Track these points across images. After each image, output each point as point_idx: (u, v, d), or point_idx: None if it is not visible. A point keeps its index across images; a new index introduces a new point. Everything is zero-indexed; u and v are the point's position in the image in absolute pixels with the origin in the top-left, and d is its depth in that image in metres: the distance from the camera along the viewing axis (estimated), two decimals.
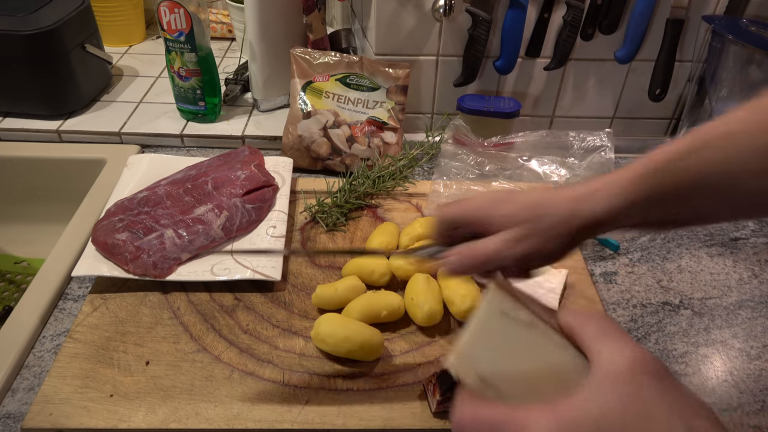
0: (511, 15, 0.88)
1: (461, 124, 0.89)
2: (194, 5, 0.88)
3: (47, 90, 0.96)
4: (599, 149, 0.86)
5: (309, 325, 0.66)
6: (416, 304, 0.64)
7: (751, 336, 0.69)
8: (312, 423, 0.56)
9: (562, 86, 0.98)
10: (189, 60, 0.92)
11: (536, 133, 0.90)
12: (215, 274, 0.69)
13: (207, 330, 0.65)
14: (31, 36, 0.90)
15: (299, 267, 0.74)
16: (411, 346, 0.65)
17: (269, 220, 0.78)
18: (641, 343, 0.67)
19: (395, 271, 0.69)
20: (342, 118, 0.91)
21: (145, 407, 0.57)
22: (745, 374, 0.64)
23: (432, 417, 0.57)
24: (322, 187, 0.87)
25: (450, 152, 0.90)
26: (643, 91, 0.98)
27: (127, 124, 0.98)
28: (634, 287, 0.75)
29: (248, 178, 0.79)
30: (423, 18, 0.90)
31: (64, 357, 0.61)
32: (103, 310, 0.67)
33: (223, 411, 0.57)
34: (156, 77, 1.14)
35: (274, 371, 0.61)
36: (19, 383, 0.60)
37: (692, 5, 0.89)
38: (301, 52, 0.94)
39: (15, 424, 0.56)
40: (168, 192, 0.77)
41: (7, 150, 0.95)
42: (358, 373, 0.61)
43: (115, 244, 0.70)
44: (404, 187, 0.87)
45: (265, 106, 1.04)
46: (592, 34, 0.92)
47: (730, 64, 0.83)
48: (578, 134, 0.89)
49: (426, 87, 0.98)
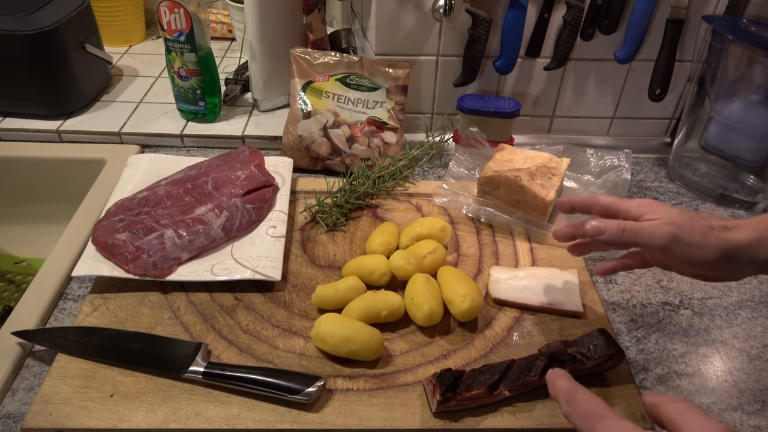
0: (511, 15, 0.88)
1: (477, 131, 0.89)
2: (194, 5, 0.88)
3: (47, 90, 0.96)
4: (616, 168, 0.86)
5: (309, 325, 0.66)
6: (416, 304, 0.64)
7: (751, 336, 0.69)
8: (312, 423, 0.56)
9: (562, 86, 0.98)
10: (189, 60, 0.93)
11: (553, 147, 0.90)
12: (215, 274, 0.69)
13: (207, 330, 0.65)
14: (31, 36, 0.90)
15: (299, 267, 0.74)
16: (411, 346, 0.65)
17: (269, 220, 0.78)
18: (641, 343, 0.67)
19: (395, 271, 0.69)
20: (342, 118, 0.91)
21: (145, 407, 0.57)
22: (745, 374, 0.64)
23: (432, 417, 0.57)
24: (322, 187, 0.87)
25: (461, 160, 0.91)
26: (643, 91, 0.98)
27: (127, 124, 0.98)
28: (634, 287, 0.75)
29: (248, 178, 0.79)
30: (423, 18, 0.90)
31: (64, 357, 0.61)
32: (103, 310, 0.67)
33: (223, 411, 0.57)
34: (156, 77, 1.14)
35: None
36: (19, 383, 0.60)
37: (692, 5, 0.89)
38: (301, 52, 0.94)
39: (15, 424, 0.56)
40: (168, 192, 0.77)
41: (7, 150, 0.95)
42: (358, 373, 0.61)
43: (115, 244, 0.70)
44: (404, 187, 0.87)
45: (265, 106, 1.04)
46: (592, 34, 0.92)
47: (730, 64, 0.83)
48: (596, 152, 0.89)
49: (426, 87, 0.98)
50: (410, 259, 0.69)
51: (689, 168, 0.95)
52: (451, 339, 0.65)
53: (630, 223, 0.54)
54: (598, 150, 0.90)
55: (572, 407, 0.44)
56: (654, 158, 1.01)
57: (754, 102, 0.83)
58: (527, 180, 0.79)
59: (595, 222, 0.55)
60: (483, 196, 0.83)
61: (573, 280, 0.71)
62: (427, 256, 0.71)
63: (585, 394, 0.44)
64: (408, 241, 0.74)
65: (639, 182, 0.95)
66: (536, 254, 0.78)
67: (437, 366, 0.62)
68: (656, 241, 0.53)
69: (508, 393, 0.57)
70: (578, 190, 0.86)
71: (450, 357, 0.64)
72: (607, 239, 0.55)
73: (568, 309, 0.68)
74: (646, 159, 1.00)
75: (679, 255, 0.53)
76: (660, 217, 0.54)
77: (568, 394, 0.45)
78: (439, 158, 0.97)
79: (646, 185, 0.94)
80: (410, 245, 0.74)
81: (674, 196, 0.92)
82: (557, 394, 0.46)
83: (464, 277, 0.68)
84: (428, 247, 0.71)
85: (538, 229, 0.79)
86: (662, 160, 1.00)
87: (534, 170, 0.81)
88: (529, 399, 0.59)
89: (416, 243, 0.74)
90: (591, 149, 0.90)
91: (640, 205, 0.56)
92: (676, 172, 0.95)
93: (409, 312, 0.66)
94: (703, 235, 0.52)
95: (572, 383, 0.46)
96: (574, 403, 0.44)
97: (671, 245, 0.52)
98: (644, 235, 0.53)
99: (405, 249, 0.73)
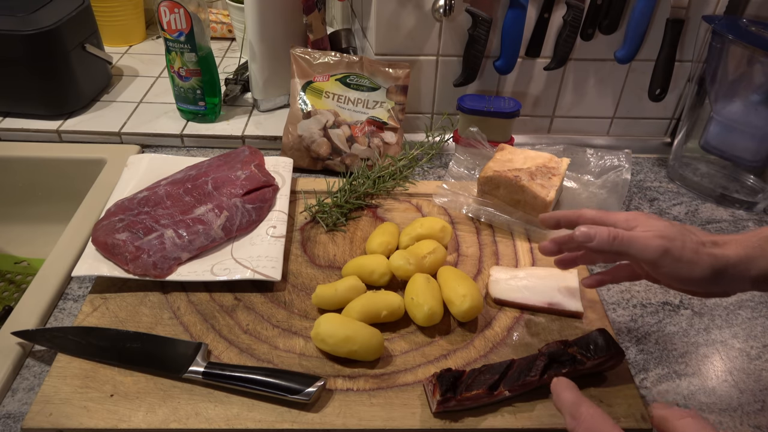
0: (511, 15, 0.88)
1: (477, 131, 0.89)
2: (194, 5, 0.88)
3: (47, 90, 0.96)
4: (616, 169, 0.86)
5: (309, 325, 0.66)
6: (416, 304, 0.64)
7: (751, 336, 0.69)
8: (312, 423, 0.56)
9: (562, 86, 0.98)
10: (189, 60, 0.92)
11: (553, 147, 0.90)
12: (215, 274, 0.69)
13: (207, 330, 0.65)
14: (31, 36, 0.90)
15: (299, 267, 0.74)
16: (411, 346, 0.65)
17: (269, 220, 0.78)
18: (641, 343, 0.67)
19: (395, 271, 0.69)
20: (342, 118, 0.91)
21: (145, 407, 0.57)
22: (745, 374, 0.64)
23: (432, 417, 0.57)
24: (322, 187, 0.87)
25: (461, 160, 0.91)
26: (643, 91, 0.98)
27: (127, 124, 0.98)
28: (634, 287, 0.75)
29: (248, 178, 0.79)
30: (423, 18, 0.90)
31: (64, 357, 0.61)
32: (103, 310, 0.67)
33: (223, 411, 0.57)
34: (156, 77, 1.14)
35: None
36: (19, 383, 0.60)
37: (692, 5, 0.89)
38: (301, 52, 0.94)
39: (15, 424, 0.56)
40: (168, 192, 0.77)
41: (7, 150, 0.95)
42: (358, 373, 0.61)
43: (115, 244, 0.70)
44: (404, 187, 0.87)
45: (265, 106, 1.04)
46: (592, 34, 0.92)
47: (730, 64, 0.83)
48: (596, 152, 0.89)
49: (426, 87, 0.98)
50: (410, 259, 0.69)
51: (689, 168, 0.95)
52: (451, 339, 0.65)
53: (621, 231, 0.53)
54: (598, 150, 0.90)
55: (577, 422, 0.44)
56: (654, 158, 1.01)
57: (754, 102, 0.83)
58: (527, 180, 0.79)
59: (584, 228, 0.54)
60: (483, 196, 0.83)
61: (573, 280, 0.71)
62: (427, 256, 0.71)
63: (590, 408, 0.44)
64: (408, 241, 0.74)
65: (639, 182, 0.95)
66: (536, 254, 0.78)
67: (437, 366, 0.62)
68: (647, 253, 0.51)
69: (508, 393, 0.57)
70: (578, 190, 0.86)
71: (450, 357, 0.64)
72: (596, 246, 0.53)
73: (568, 309, 0.68)
74: (646, 159, 1.00)
75: (669, 271, 0.52)
76: (650, 229, 0.53)
77: (572, 407, 0.45)
78: (439, 158, 0.98)
79: (646, 185, 0.94)
80: (410, 245, 0.74)
81: (674, 196, 0.92)
82: (561, 406, 0.46)
83: (464, 277, 0.68)
84: (428, 247, 0.71)
85: (538, 229, 0.79)
86: (662, 160, 1.00)
87: (534, 170, 0.81)
88: (529, 399, 0.59)
89: (416, 243, 0.74)
90: (591, 149, 0.90)
91: (629, 219, 0.55)
92: (676, 172, 0.95)
93: (409, 312, 0.66)
94: (695, 251, 0.51)
95: (577, 395, 0.45)
96: (579, 417, 0.44)
97: (662, 260, 0.51)
98: (636, 246, 0.52)
99: (405, 249, 0.73)
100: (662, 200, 0.91)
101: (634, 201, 0.90)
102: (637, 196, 0.92)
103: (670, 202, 0.91)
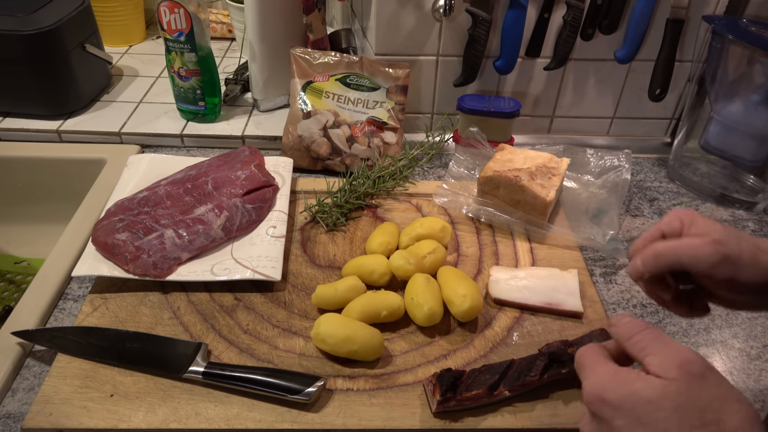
0: (511, 15, 0.88)
1: (477, 131, 0.89)
2: (194, 5, 0.88)
3: (47, 90, 0.96)
4: (616, 169, 0.86)
5: (309, 325, 0.66)
6: (416, 304, 0.64)
7: (751, 336, 0.69)
8: (312, 423, 0.56)
9: (562, 86, 0.98)
10: (189, 60, 0.93)
11: (553, 147, 0.90)
12: (215, 274, 0.69)
13: (207, 330, 0.65)
14: (31, 36, 0.90)
15: (299, 267, 0.74)
16: (411, 346, 0.65)
17: (269, 220, 0.78)
18: None
19: (395, 271, 0.69)
20: (342, 118, 0.91)
21: (145, 407, 0.57)
22: (745, 374, 0.64)
23: (432, 417, 0.57)
24: (322, 187, 0.87)
25: (461, 160, 0.91)
26: (643, 91, 0.98)
27: (127, 124, 0.98)
28: (634, 287, 0.74)
29: (248, 178, 0.79)
30: (423, 18, 0.90)
31: (64, 357, 0.61)
32: (103, 310, 0.67)
33: (223, 411, 0.57)
34: (156, 77, 1.14)
35: None
36: (19, 383, 0.60)
37: (692, 5, 0.89)
38: (301, 52, 0.94)
39: (15, 424, 0.56)
40: (168, 192, 0.77)
41: (7, 150, 0.95)
42: (358, 373, 0.61)
43: (115, 244, 0.70)
44: (404, 187, 0.87)
45: (265, 106, 1.04)
46: (592, 34, 0.92)
47: (730, 64, 0.83)
48: (596, 152, 0.89)
49: (426, 87, 0.98)
50: (410, 259, 0.69)
51: (689, 168, 0.95)
52: (451, 339, 0.65)
53: (660, 245, 0.49)
54: (598, 150, 0.90)
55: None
56: (654, 158, 1.01)
57: (754, 102, 0.83)
58: (527, 180, 0.79)
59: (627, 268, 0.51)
60: (483, 196, 0.83)
61: (573, 280, 0.71)
62: (427, 256, 0.71)
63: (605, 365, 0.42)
64: (408, 241, 0.74)
65: (639, 182, 0.95)
66: (536, 254, 0.78)
67: (437, 366, 0.62)
68: (702, 262, 0.47)
69: (508, 393, 0.57)
70: (578, 190, 0.86)
71: (450, 357, 0.64)
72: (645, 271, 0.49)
73: (568, 309, 0.68)
74: (646, 159, 1.00)
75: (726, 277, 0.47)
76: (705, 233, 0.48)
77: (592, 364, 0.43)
78: (439, 158, 0.98)
79: (646, 185, 0.94)
80: (410, 245, 0.74)
81: (674, 196, 0.92)
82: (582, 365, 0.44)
83: (464, 277, 0.68)
84: (428, 247, 0.71)
85: (538, 229, 0.79)
86: (662, 160, 1.00)
87: (534, 170, 0.81)
88: (529, 399, 0.59)
89: (416, 243, 0.74)
90: (591, 149, 0.90)
91: (671, 221, 0.51)
92: (676, 172, 0.95)
93: (409, 312, 0.66)
94: (753, 255, 0.46)
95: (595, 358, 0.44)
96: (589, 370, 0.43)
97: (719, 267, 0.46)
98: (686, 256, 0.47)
99: (405, 249, 0.73)
100: (662, 200, 0.91)
101: (634, 201, 0.90)
102: (637, 196, 0.92)
103: (670, 202, 0.91)
